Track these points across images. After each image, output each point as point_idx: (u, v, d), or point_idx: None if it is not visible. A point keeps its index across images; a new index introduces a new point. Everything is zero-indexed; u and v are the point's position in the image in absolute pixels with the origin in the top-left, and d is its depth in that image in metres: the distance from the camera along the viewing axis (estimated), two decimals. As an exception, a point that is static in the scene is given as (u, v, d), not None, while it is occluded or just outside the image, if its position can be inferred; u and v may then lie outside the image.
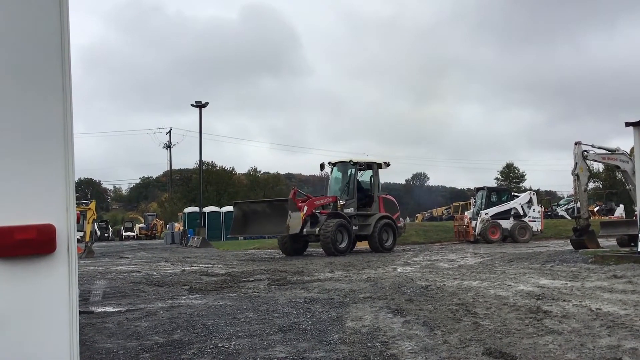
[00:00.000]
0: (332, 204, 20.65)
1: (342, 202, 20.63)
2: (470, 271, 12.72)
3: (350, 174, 21.36)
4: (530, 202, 29.42)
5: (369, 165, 22.22)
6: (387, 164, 22.77)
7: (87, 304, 9.28)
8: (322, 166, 22.14)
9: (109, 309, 8.65)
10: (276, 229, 19.52)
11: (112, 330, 6.80)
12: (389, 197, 23.33)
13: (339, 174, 22.05)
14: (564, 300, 7.81)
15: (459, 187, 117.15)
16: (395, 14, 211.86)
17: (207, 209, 43.87)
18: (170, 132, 72.47)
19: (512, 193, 32.44)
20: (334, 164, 22.07)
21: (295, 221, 18.95)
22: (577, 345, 5.20)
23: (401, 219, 23.97)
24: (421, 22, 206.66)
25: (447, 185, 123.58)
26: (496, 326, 6.20)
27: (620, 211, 45.55)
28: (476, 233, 28.07)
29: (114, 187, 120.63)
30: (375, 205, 22.00)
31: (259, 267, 15.58)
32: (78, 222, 24.44)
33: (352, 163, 21.40)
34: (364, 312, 7.44)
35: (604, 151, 18.61)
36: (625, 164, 18.32)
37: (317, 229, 19.42)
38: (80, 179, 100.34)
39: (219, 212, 44.49)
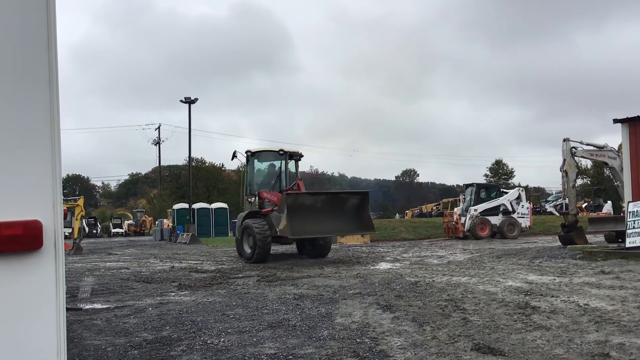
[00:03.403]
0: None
1: None
2: (459, 267, 12.77)
3: (280, 165, 18.49)
4: (519, 198, 29.60)
5: (291, 155, 18.87)
6: (301, 155, 19.44)
7: (76, 300, 9.23)
8: (234, 155, 18.60)
9: (98, 305, 8.61)
10: (349, 227, 16.38)
11: (100, 327, 6.77)
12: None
13: (262, 165, 19.04)
14: (552, 296, 7.86)
15: (448, 183, 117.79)
16: (385, 12, 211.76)
17: (196, 206, 43.73)
18: (159, 128, 72.16)
19: (501, 189, 32.60)
20: (252, 153, 18.54)
21: None
22: (565, 341, 5.23)
23: None
24: (410, 20, 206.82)
25: (437, 182, 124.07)
26: (485, 322, 6.23)
27: (608, 207, 45.89)
28: (465, 229, 28.20)
29: (103, 183, 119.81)
30: None
31: (248, 264, 15.56)
32: (65, 218, 24.30)
33: (281, 152, 18.27)
34: (353, 308, 7.45)
35: (592, 148, 18.73)
36: (613, 160, 18.45)
37: None
38: (68, 175, 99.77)
39: (209, 209, 44.43)
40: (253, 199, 17.46)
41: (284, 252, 20.48)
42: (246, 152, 18.40)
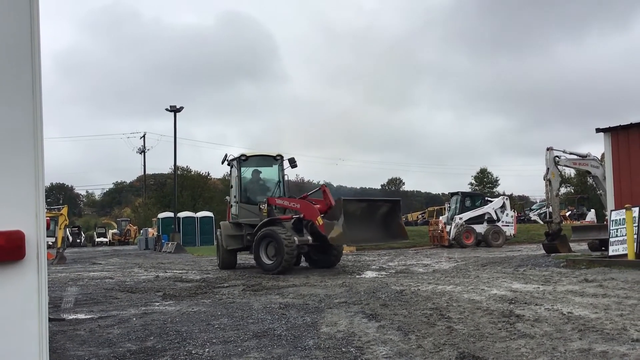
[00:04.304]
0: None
1: None
2: (444, 276, 12.81)
3: (278, 170, 17.52)
4: (503, 206, 29.80)
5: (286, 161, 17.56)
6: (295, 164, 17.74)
7: (59, 310, 9.14)
8: (224, 158, 17.63)
9: (81, 316, 8.53)
10: (386, 235, 15.55)
11: (83, 338, 6.71)
12: None
13: (257, 170, 17.91)
14: (536, 304, 7.90)
15: (434, 192, 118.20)
16: (370, 22, 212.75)
17: (181, 214, 43.52)
18: (144, 136, 71.83)
19: (486, 198, 32.79)
20: (247, 158, 17.32)
21: None
22: (549, 349, 5.26)
23: None
24: (395, 31, 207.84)
25: (423, 190, 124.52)
26: (469, 330, 6.25)
27: (591, 216, 46.28)
28: (450, 238, 28.31)
29: (87, 192, 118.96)
30: None
31: (233, 273, 15.50)
32: (48, 228, 24.05)
33: (277, 157, 17.27)
34: (339, 317, 7.44)
35: (575, 157, 18.94)
36: (596, 169, 18.65)
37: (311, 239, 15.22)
38: (52, 184, 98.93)
39: (194, 218, 44.21)
40: (264, 205, 16.28)
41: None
42: (240, 157, 17.29)
